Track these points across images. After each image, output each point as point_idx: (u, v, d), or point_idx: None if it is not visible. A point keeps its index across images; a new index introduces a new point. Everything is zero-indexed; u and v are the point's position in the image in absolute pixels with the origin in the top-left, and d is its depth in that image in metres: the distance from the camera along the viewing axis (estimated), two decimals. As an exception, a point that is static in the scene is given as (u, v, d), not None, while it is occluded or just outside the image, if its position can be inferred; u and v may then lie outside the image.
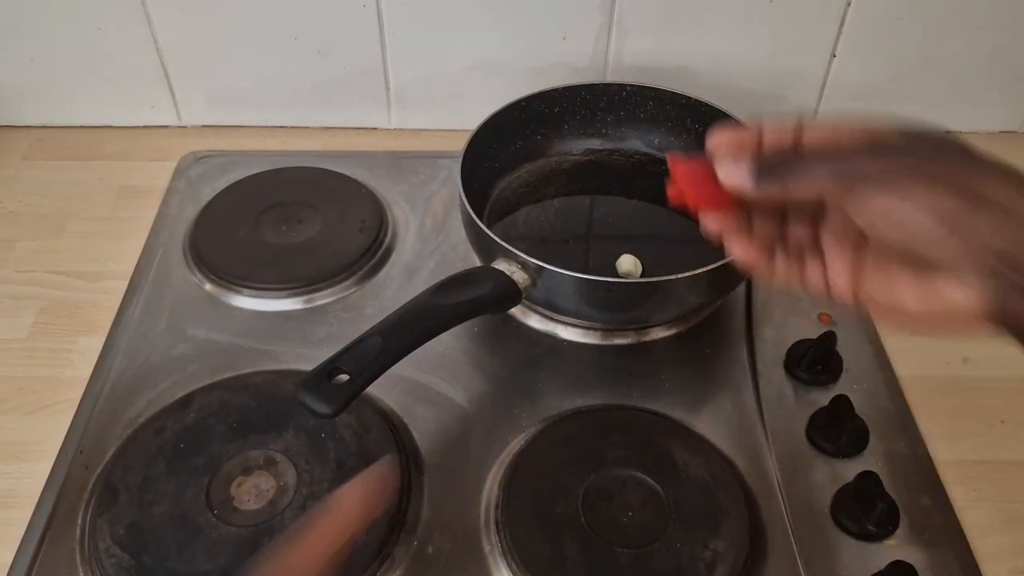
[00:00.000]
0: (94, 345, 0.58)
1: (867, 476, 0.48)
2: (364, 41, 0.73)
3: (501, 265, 0.53)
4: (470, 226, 0.57)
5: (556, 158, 0.70)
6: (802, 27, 0.72)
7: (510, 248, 0.53)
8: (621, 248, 0.62)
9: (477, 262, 0.58)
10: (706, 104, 0.65)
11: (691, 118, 0.67)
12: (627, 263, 0.60)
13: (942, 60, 0.75)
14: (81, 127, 0.78)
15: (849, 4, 0.71)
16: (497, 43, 0.73)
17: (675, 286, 0.53)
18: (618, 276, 0.60)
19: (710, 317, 0.61)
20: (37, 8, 0.70)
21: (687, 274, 0.52)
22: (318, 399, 0.43)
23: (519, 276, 0.52)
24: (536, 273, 0.52)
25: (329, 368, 0.44)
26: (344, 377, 0.44)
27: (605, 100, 0.69)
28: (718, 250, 0.62)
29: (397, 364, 0.46)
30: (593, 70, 0.75)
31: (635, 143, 0.70)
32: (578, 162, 0.70)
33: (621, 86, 0.68)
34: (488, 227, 0.55)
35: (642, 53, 0.74)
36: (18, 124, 0.78)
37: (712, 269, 0.52)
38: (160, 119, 0.78)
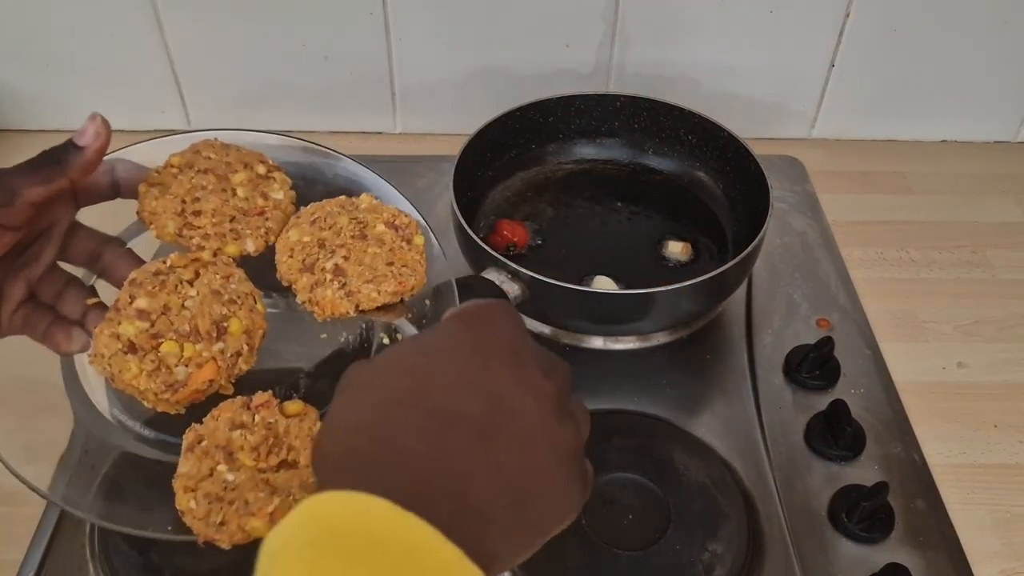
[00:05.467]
0: (103, 346, 0.58)
1: (882, 486, 0.49)
2: (371, 47, 0.74)
3: (491, 275, 0.53)
4: (461, 234, 0.57)
5: (550, 167, 0.71)
6: (801, 37, 0.73)
7: (500, 257, 0.53)
8: (616, 257, 0.63)
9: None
10: (699, 116, 0.66)
11: (684, 129, 0.68)
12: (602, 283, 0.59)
13: (939, 70, 0.75)
14: (90, 131, 0.79)
15: (848, 15, 0.72)
16: (501, 50, 0.74)
17: (669, 297, 0.53)
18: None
19: (710, 323, 0.62)
20: (52, 15, 0.71)
21: (680, 285, 0.52)
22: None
23: (509, 286, 0.52)
24: (527, 283, 0.52)
25: (317, 376, 0.44)
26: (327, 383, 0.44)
27: (600, 110, 0.69)
28: (713, 260, 0.63)
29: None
30: (596, 78, 0.76)
31: (629, 153, 0.71)
32: (572, 171, 0.71)
33: (615, 97, 0.69)
34: (481, 236, 0.55)
35: (644, 62, 0.75)
36: (32, 128, 0.78)
37: (705, 280, 0.53)
38: (170, 123, 0.79)
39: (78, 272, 0.40)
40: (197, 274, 0.38)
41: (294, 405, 0.37)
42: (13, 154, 0.85)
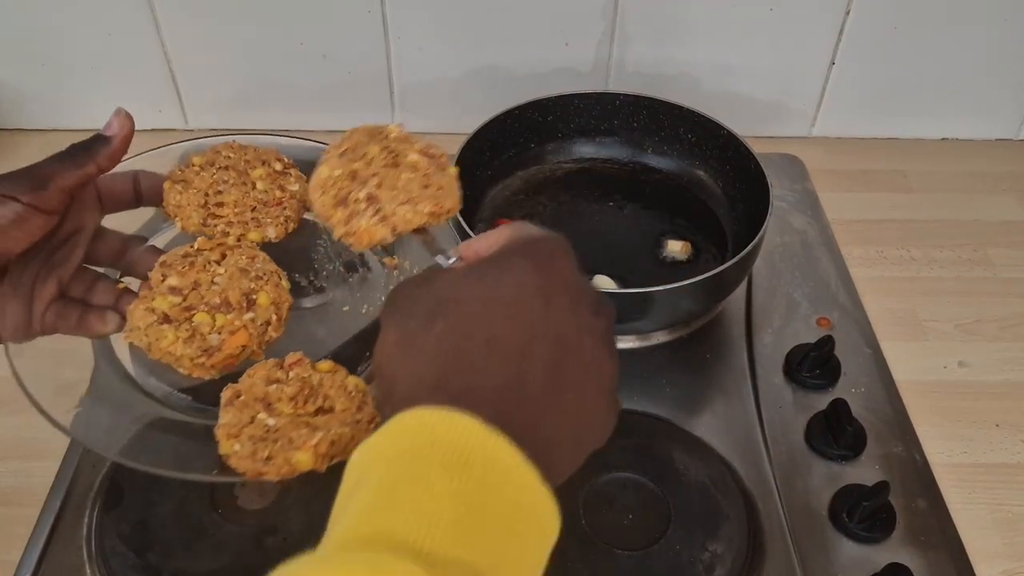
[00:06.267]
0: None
1: (883, 486, 0.49)
2: (369, 46, 0.74)
3: None
4: (460, 234, 0.57)
5: (549, 166, 0.70)
6: (802, 35, 0.73)
7: None
8: (615, 256, 0.63)
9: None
10: (699, 114, 0.66)
11: (684, 128, 0.68)
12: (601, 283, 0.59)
13: (940, 68, 0.75)
14: (89, 130, 0.78)
15: (848, 13, 0.71)
16: (500, 49, 0.74)
17: (668, 296, 0.53)
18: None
19: (710, 322, 0.62)
20: (48, 14, 0.71)
21: (679, 284, 0.52)
22: None
23: None
24: None
25: None
26: None
27: (599, 109, 0.69)
28: (712, 259, 0.63)
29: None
30: (595, 77, 0.76)
31: (629, 152, 0.71)
32: (571, 170, 0.70)
33: (615, 95, 0.69)
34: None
35: (644, 60, 0.75)
36: (28, 127, 0.78)
37: (705, 279, 0.53)
38: (167, 123, 0.79)
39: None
40: (223, 256, 0.41)
41: (325, 364, 0.39)
42: (11, 154, 0.86)
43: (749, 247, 0.54)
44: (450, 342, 0.27)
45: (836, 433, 0.52)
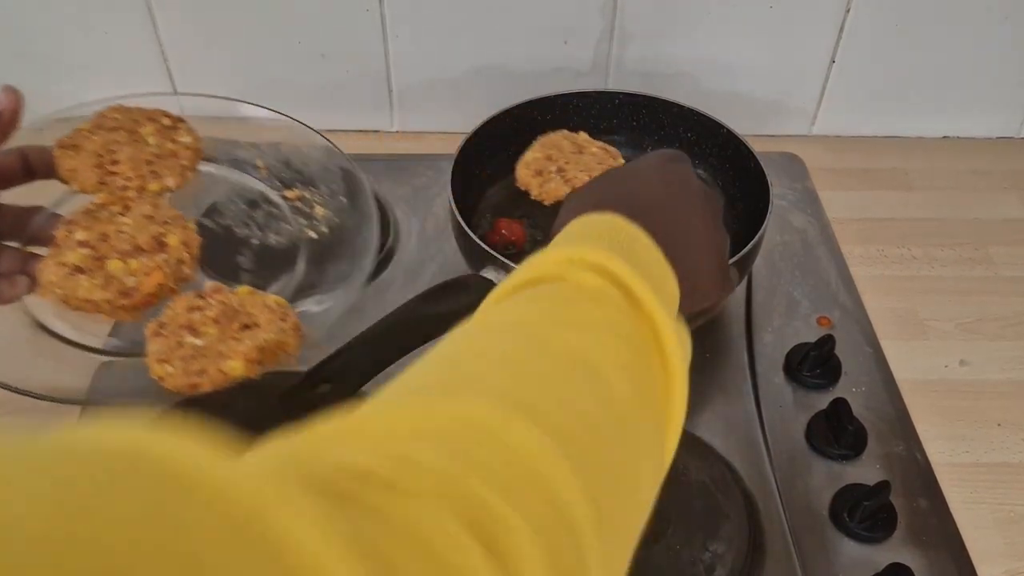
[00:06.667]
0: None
1: (884, 485, 0.48)
2: (367, 44, 0.73)
3: (489, 273, 0.52)
4: (459, 233, 0.57)
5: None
6: (802, 33, 0.73)
7: (498, 255, 0.53)
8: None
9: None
10: (699, 113, 0.66)
11: (684, 127, 0.67)
12: None
13: (940, 66, 0.75)
14: (86, 130, 0.79)
15: (848, 11, 0.71)
16: (499, 47, 0.74)
17: None
18: None
19: (710, 321, 0.62)
20: (46, 14, 0.71)
21: None
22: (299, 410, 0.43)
23: None
24: None
25: (313, 379, 0.44)
26: (327, 387, 0.44)
27: (598, 108, 0.69)
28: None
29: (398, 367, 0.46)
30: (594, 75, 0.76)
31: (628, 151, 0.70)
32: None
33: (614, 94, 0.68)
34: (479, 235, 0.54)
35: (643, 59, 0.74)
36: (24, 126, 0.78)
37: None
38: (164, 122, 0.79)
39: None
40: (127, 207, 0.41)
41: (243, 288, 0.41)
42: (8, 153, 0.83)
43: (749, 246, 0.54)
44: (601, 196, 0.37)
45: (837, 432, 0.52)
